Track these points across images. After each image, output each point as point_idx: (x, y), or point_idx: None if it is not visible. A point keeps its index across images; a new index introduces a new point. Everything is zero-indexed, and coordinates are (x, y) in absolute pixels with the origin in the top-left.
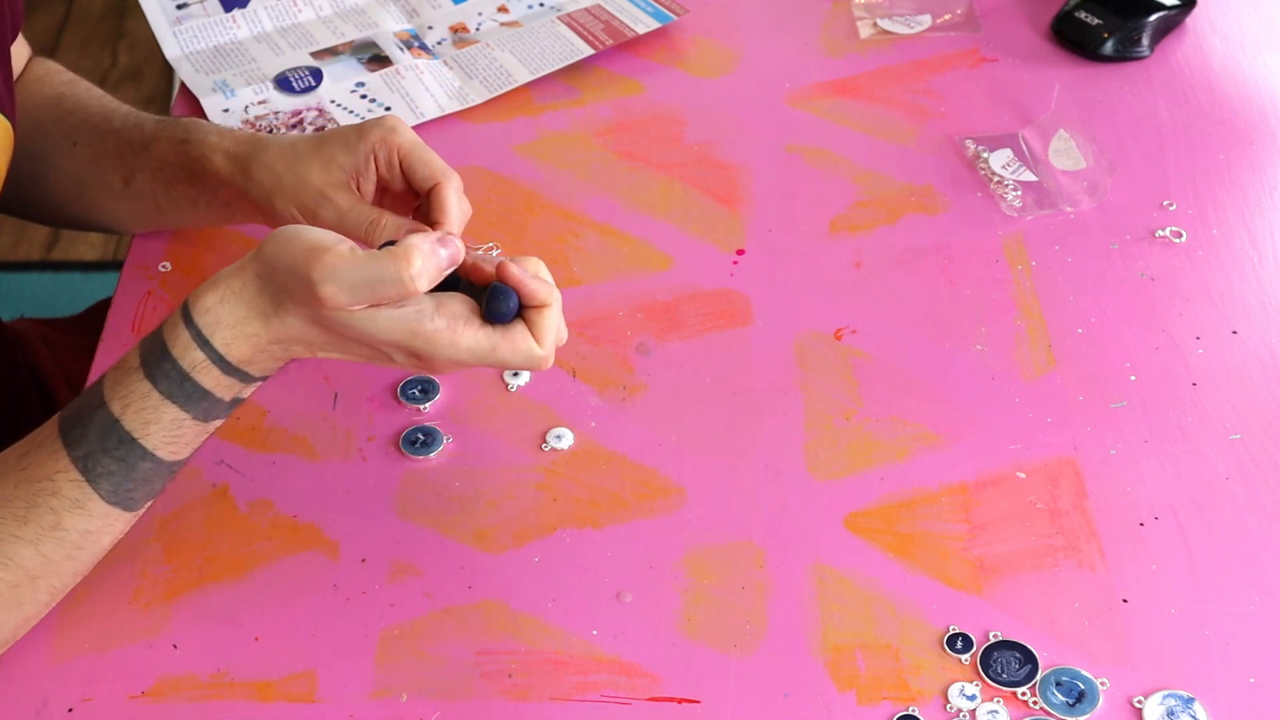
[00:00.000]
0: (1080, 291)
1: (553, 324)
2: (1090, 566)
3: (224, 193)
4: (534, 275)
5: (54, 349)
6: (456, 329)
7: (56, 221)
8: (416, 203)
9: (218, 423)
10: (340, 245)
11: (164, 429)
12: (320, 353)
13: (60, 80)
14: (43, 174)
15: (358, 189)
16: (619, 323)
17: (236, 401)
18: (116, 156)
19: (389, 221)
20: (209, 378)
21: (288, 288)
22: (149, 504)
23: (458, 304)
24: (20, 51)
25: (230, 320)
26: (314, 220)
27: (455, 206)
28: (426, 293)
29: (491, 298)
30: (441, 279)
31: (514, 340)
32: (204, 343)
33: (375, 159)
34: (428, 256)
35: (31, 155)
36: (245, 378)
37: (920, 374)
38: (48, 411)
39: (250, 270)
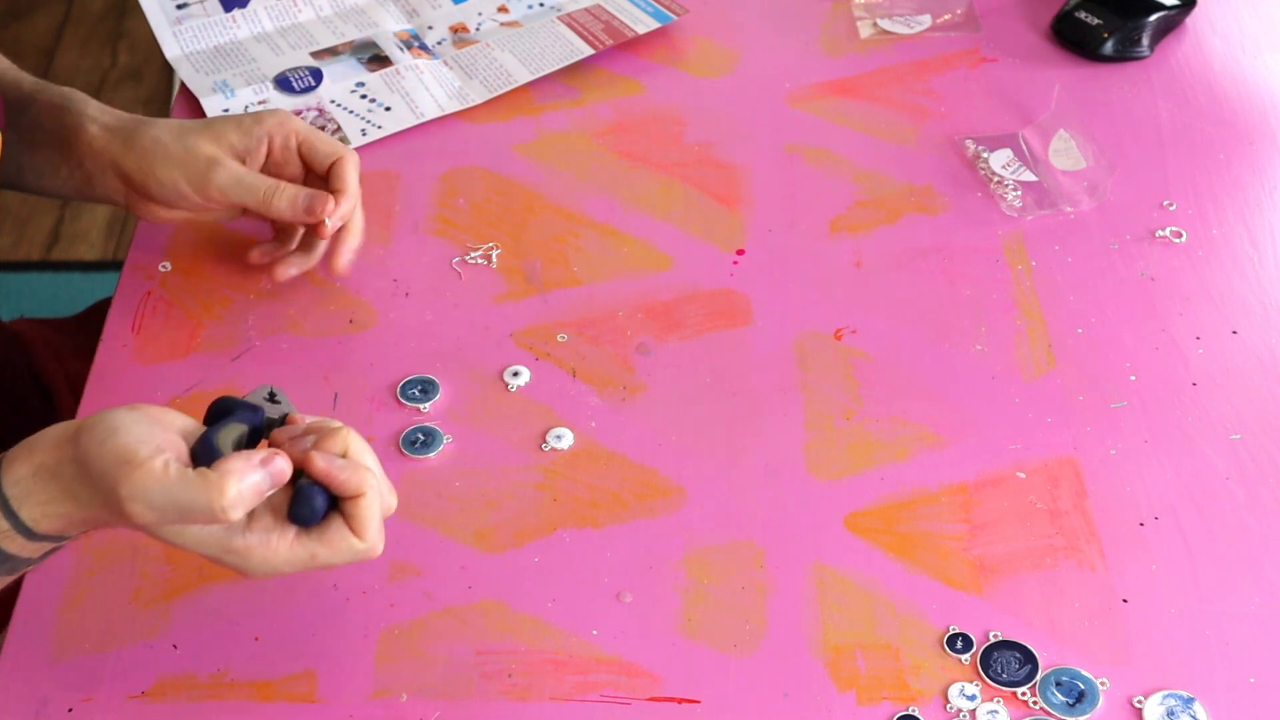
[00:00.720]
0: (1080, 291)
1: (372, 513)
2: (1090, 566)
3: (90, 164)
4: (345, 463)
5: (54, 349)
6: (270, 543)
7: None
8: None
9: (29, 568)
10: (154, 460)
11: None
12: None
13: None
14: None
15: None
16: (619, 323)
17: (51, 553)
18: None
19: (288, 187)
20: (13, 544)
21: (99, 487)
22: None
23: (269, 516)
24: None
25: (41, 497)
26: (204, 186)
27: (353, 179)
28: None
29: (295, 502)
30: (260, 502)
31: (331, 543)
32: (10, 513)
33: (270, 142)
34: (244, 484)
35: None
36: (58, 540)
37: (920, 374)
38: (47, 411)
39: (66, 453)
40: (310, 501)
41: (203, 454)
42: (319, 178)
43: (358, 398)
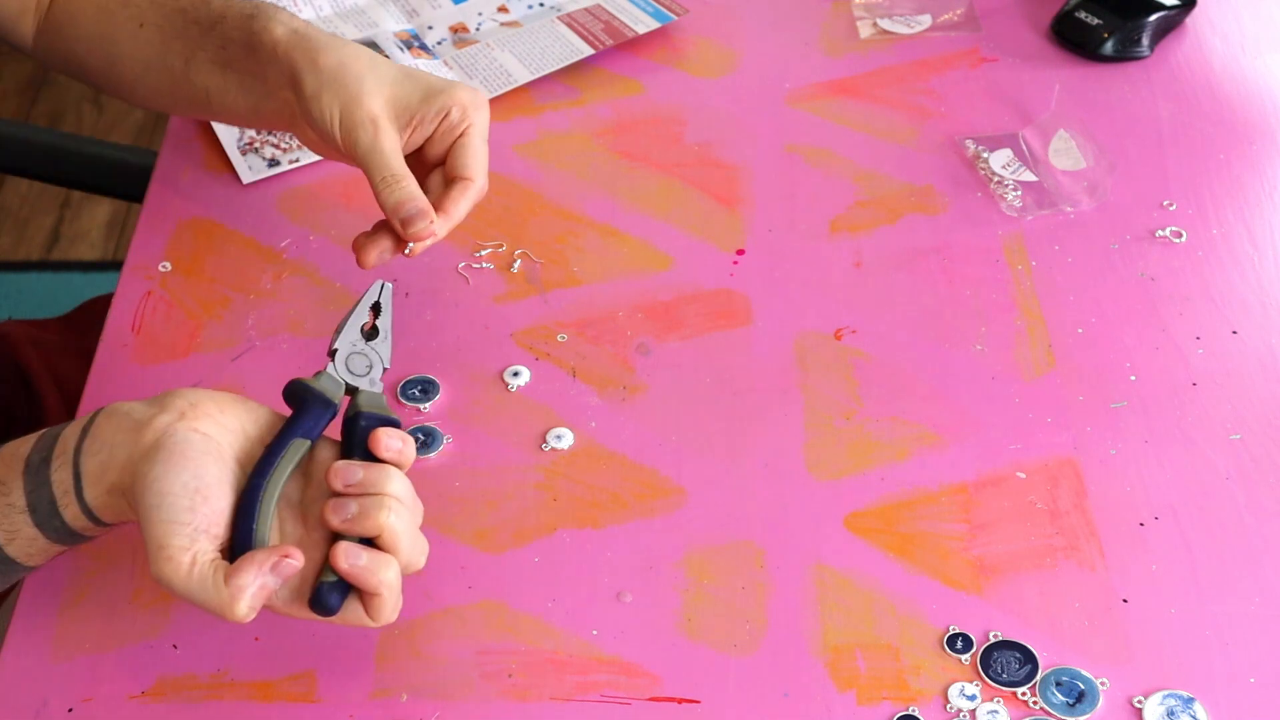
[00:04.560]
0: (1080, 291)
1: (388, 609)
2: (1090, 566)
3: (271, 71)
4: (368, 562)
5: (42, 349)
6: (281, 611)
7: (132, 101)
8: (431, 170)
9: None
10: (183, 557)
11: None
12: None
13: None
14: (112, 57)
15: (409, 134)
16: (619, 323)
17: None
18: (182, 37)
19: (406, 187)
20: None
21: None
22: None
23: (286, 590)
24: None
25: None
26: (348, 135)
27: (465, 209)
28: None
29: (313, 599)
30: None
31: (343, 617)
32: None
33: (444, 118)
34: (256, 593)
35: (99, 38)
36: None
37: (920, 374)
38: (34, 412)
39: (128, 476)
40: (326, 601)
41: (239, 543)
42: (441, 177)
43: None
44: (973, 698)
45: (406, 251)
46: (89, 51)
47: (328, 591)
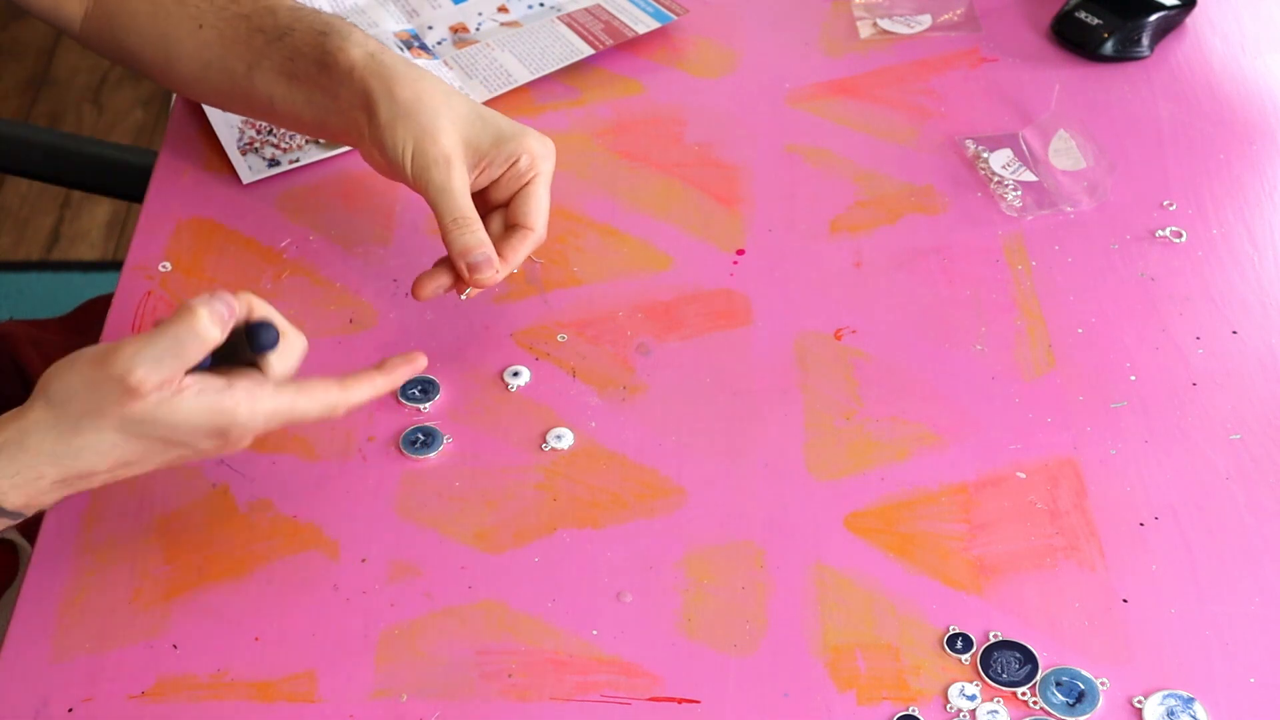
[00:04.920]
0: (1080, 291)
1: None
2: (1090, 566)
3: (345, 91)
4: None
5: (42, 349)
6: (254, 395)
7: (188, 95)
8: (491, 211)
9: None
10: (124, 341)
11: None
12: (119, 472)
13: None
14: (169, 57)
15: (477, 175)
16: (619, 323)
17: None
18: (245, 43)
19: (475, 233)
20: None
21: (90, 406)
22: None
23: (246, 378)
24: None
25: (8, 472)
26: (421, 173)
27: (520, 256)
28: (217, 373)
29: (250, 334)
30: (228, 328)
31: (308, 390)
32: None
33: (514, 164)
34: (210, 304)
35: (156, 35)
36: (13, 517)
37: (920, 374)
38: None
39: (32, 415)
40: (262, 328)
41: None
42: (502, 221)
43: None
44: (973, 698)
45: (464, 296)
46: (142, 46)
47: (256, 323)
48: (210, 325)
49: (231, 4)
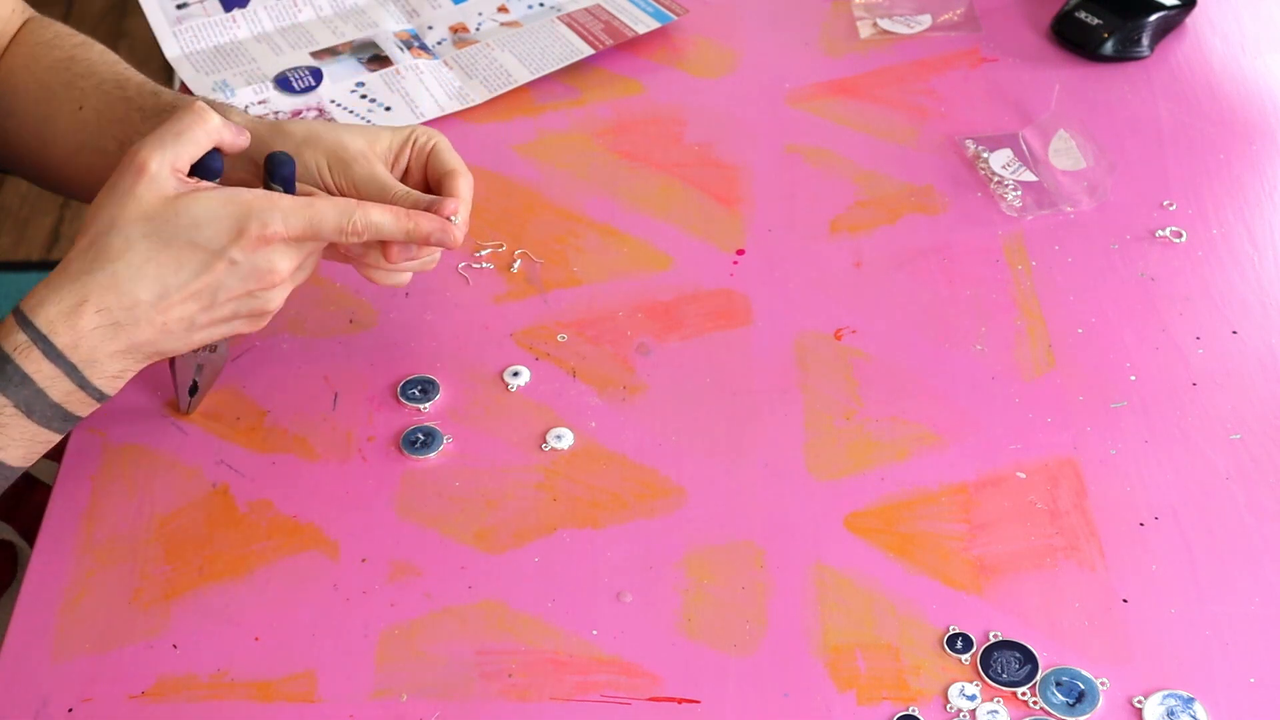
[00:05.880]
0: (1080, 291)
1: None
2: (1090, 566)
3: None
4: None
5: None
6: (271, 195)
7: (50, 185)
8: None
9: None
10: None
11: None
12: (165, 313)
13: (72, 43)
14: (45, 140)
15: (389, 169)
16: (619, 323)
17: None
18: (121, 122)
19: (414, 191)
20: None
21: (111, 210)
22: None
23: (263, 191)
24: (10, 9)
25: (53, 300)
26: (346, 173)
27: (464, 191)
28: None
29: (269, 164)
30: (236, 133)
31: (326, 196)
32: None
33: (413, 144)
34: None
35: (36, 118)
36: (87, 387)
37: (920, 374)
38: None
39: (71, 252)
40: (283, 158)
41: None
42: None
43: (358, 398)
44: (973, 698)
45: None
46: (20, 127)
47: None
48: (208, 110)
49: (117, 89)
